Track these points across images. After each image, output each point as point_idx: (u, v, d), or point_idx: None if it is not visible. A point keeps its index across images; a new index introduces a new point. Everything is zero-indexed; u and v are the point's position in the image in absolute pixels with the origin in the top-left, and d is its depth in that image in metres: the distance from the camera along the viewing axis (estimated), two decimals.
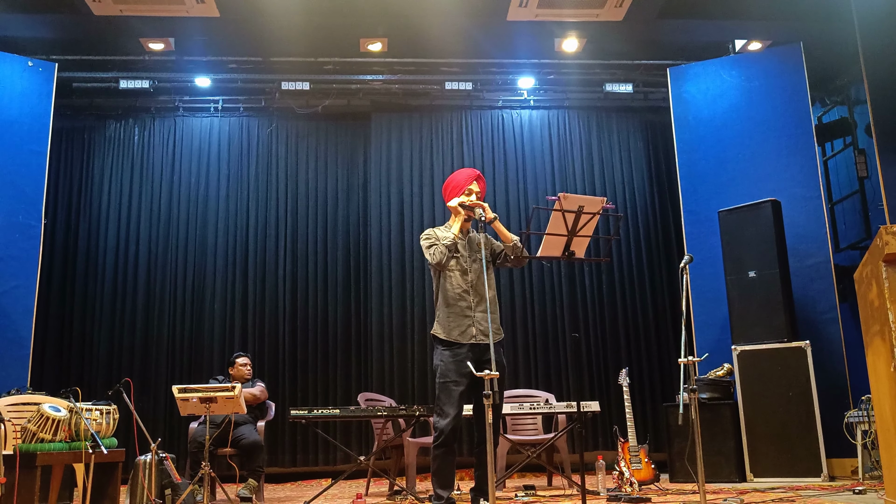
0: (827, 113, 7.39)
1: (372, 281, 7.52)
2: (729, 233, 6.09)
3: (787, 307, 5.75)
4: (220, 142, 7.79)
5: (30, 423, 4.20)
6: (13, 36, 6.46)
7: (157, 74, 7.25)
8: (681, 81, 6.99)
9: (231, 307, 7.40)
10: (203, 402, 4.74)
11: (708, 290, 6.46)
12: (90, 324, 7.25)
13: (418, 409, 5.00)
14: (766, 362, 5.68)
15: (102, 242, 7.44)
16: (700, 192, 6.72)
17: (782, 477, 5.45)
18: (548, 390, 6.86)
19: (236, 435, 5.40)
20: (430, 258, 3.66)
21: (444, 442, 3.46)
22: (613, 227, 7.15)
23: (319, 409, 5.02)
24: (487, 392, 3.03)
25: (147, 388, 7.05)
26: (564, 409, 5.28)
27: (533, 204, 7.77)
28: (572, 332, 5.01)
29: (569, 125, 8.03)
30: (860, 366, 6.38)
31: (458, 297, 3.66)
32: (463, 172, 3.93)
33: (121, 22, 6.35)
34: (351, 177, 7.87)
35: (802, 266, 6.21)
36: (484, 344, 3.58)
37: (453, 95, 7.73)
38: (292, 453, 7.11)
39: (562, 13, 6.32)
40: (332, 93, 7.63)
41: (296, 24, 6.36)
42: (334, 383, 7.34)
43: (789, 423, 5.52)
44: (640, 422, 7.14)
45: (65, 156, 7.60)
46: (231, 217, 7.62)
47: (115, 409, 4.50)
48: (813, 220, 6.29)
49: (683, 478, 5.64)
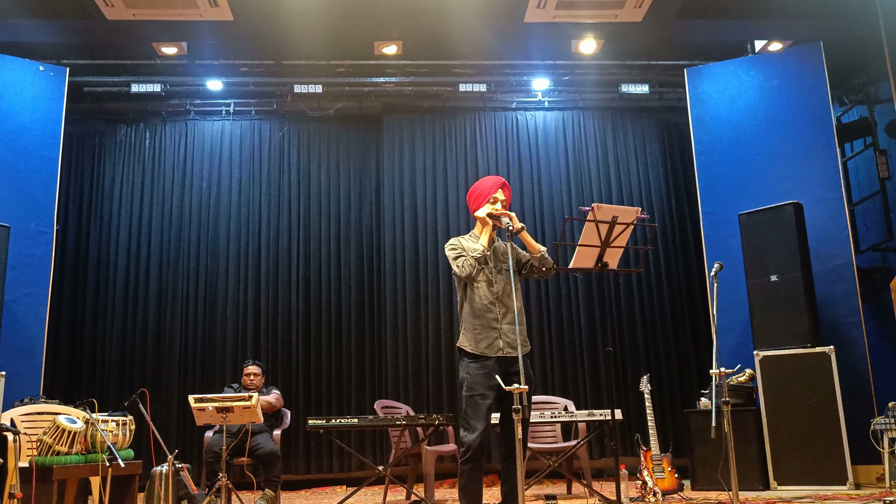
0: (846, 113, 7.28)
1: (386, 285, 7.43)
2: (750, 236, 6.00)
3: (810, 311, 5.66)
4: (232, 145, 7.71)
5: (45, 435, 4.14)
6: (25, 41, 6.40)
7: (169, 78, 7.20)
8: (698, 82, 6.89)
9: (243, 313, 7.32)
10: (220, 411, 4.68)
11: (728, 293, 6.34)
12: (102, 330, 7.18)
13: (437, 418, 4.91)
14: (790, 368, 5.60)
15: (114, 248, 7.36)
16: (718, 194, 6.62)
17: (806, 485, 5.37)
18: (565, 396, 6.77)
19: (253, 444, 5.34)
20: (459, 270, 3.57)
21: (471, 457, 3.37)
22: (649, 238, 7.04)
23: (337, 419, 4.94)
24: (517, 407, 2.95)
25: (159, 395, 6.96)
26: (586, 418, 5.20)
27: (547, 206, 7.68)
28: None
29: (584, 126, 7.92)
30: (884, 370, 6.33)
31: (484, 309, 3.57)
32: (488, 180, 3.84)
33: (133, 26, 6.29)
34: (364, 180, 7.79)
35: (824, 269, 6.10)
36: (511, 356, 3.49)
37: (467, 97, 7.65)
38: (307, 460, 7.02)
39: (580, 14, 6.23)
40: (344, 95, 7.57)
41: (310, 28, 6.30)
42: (348, 390, 7.25)
43: (813, 430, 5.43)
44: (660, 428, 7.04)
45: (75, 161, 7.53)
46: (243, 221, 7.54)
47: (131, 420, 4.45)
48: (834, 222, 6.18)
49: (706, 486, 5.55)
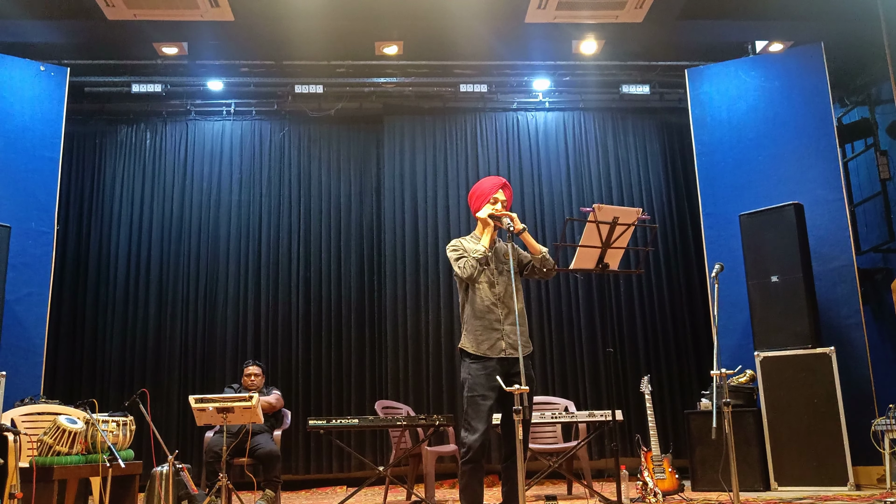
0: (847, 114, 7.28)
1: (386, 285, 7.43)
2: (750, 236, 5.99)
3: (811, 312, 5.65)
4: (233, 146, 7.71)
5: (46, 435, 4.14)
6: (25, 41, 6.40)
7: (170, 78, 7.20)
8: (699, 82, 6.88)
9: (244, 313, 7.32)
10: (220, 411, 4.68)
11: (728, 294, 6.33)
12: (102, 330, 7.18)
13: (438, 419, 4.91)
14: (790, 369, 5.59)
15: (114, 248, 7.36)
16: (719, 195, 6.61)
17: (807, 486, 5.37)
18: (565, 397, 6.77)
19: (253, 444, 5.34)
20: (460, 271, 3.56)
21: (472, 458, 3.37)
22: (650, 239, 7.03)
23: (337, 420, 4.94)
24: (517, 407, 2.95)
25: (159, 395, 6.95)
26: (587, 418, 5.20)
27: (548, 207, 7.68)
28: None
29: (584, 127, 7.92)
30: (885, 371, 6.32)
31: (486, 310, 3.56)
32: (489, 181, 3.84)
33: (134, 27, 6.28)
34: (364, 180, 7.79)
35: (825, 270, 6.09)
36: (513, 357, 3.49)
37: (467, 98, 7.64)
38: (307, 461, 7.02)
39: (581, 15, 6.23)
40: (344, 96, 7.57)
41: (311, 28, 6.29)
42: (349, 390, 7.25)
43: (814, 431, 5.43)
44: (661, 428, 7.03)
45: (76, 161, 7.53)
46: (243, 222, 7.53)
47: (131, 420, 4.45)
48: (835, 223, 6.17)
49: (707, 486, 5.54)
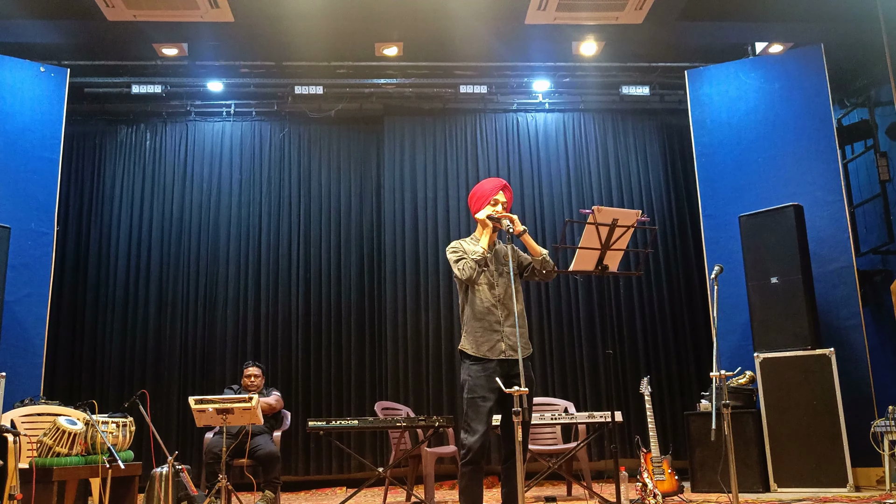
0: (847, 115, 7.28)
1: (386, 286, 7.43)
2: (750, 238, 5.99)
3: (810, 314, 5.65)
4: (233, 147, 7.71)
5: (45, 436, 4.15)
6: (25, 42, 6.40)
7: (170, 79, 7.20)
8: (699, 84, 6.88)
9: (244, 314, 7.31)
10: (220, 413, 4.68)
11: (727, 295, 6.34)
12: (102, 331, 7.17)
13: (437, 420, 4.91)
14: (790, 370, 5.59)
15: (114, 249, 7.36)
16: (719, 196, 6.62)
17: (806, 487, 5.37)
18: (565, 398, 6.77)
19: (252, 445, 5.34)
20: (459, 273, 3.56)
21: (471, 459, 3.37)
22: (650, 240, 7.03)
23: (337, 421, 4.94)
24: (517, 409, 2.95)
25: (159, 396, 6.95)
26: (586, 420, 5.20)
27: (548, 208, 7.68)
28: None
29: (584, 128, 7.92)
30: (884, 373, 6.33)
31: (486, 312, 3.56)
32: (489, 182, 3.84)
33: (134, 27, 6.29)
34: (364, 181, 7.79)
35: (825, 271, 6.09)
36: (513, 359, 3.49)
37: (467, 99, 7.64)
38: (306, 462, 7.02)
39: (581, 16, 6.23)
40: (344, 97, 7.57)
41: (311, 29, 6.30)
42: (348, 391, 7.25)
43: (813, 432, 5.43)
44: (660, 430, 7.04)
45: (76, 161, 7.53)
46: (243, 222, 7.53)
47: (131, 421, 4.45)
48: (835, 225, 6.17)
49: (706, 488, 5.54)
